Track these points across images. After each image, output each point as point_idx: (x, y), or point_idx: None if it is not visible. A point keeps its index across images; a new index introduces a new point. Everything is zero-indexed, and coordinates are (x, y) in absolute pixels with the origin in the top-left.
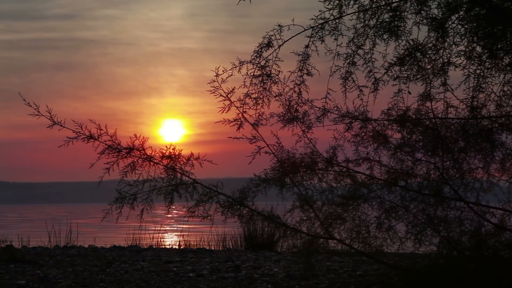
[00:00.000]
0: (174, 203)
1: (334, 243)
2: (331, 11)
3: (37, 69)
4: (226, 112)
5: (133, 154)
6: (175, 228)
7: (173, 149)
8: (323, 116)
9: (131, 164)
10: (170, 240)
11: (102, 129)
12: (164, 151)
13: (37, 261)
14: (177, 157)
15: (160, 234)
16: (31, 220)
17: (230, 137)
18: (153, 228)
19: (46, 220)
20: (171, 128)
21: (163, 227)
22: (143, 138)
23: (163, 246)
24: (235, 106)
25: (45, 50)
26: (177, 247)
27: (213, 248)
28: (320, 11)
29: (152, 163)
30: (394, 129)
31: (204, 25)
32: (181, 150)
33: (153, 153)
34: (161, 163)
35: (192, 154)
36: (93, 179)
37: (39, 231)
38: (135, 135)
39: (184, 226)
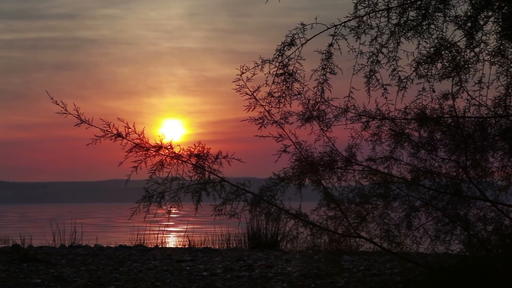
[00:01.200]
0: (180, 202)
1: (358, 241)
2: (365, 9)
3: (37, 69)
4: (251, 111)
5: (161, 152)
6: (175, 229)
7: (202, 147)
8: (342, 115)
9: (160, 162)
10: (172, 239)
11: (130, 128)
12: (193, 149)
13: (49, 260)
14: (205, 155)
15: (164, 234)
16: (31, 220)
17: (257, 136)
18: (157, 228)
19: (50, 219)
20: (171, 127)
21: (166, 227)
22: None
23: (167, 245)
24: (260, 104)
25: (45, 50)
26: (182, 247)
27: (217, 247)
28: (354, 8)
29: (180, 161)
30: (413, 128)
31: (204, 25)
32: (210, 148)
33: (181, 151)
34: (189, 162)
35: (220, 152)
36: (92, 179)
37: (40, 230)
38: (162, 133)
39: (188, 226)
